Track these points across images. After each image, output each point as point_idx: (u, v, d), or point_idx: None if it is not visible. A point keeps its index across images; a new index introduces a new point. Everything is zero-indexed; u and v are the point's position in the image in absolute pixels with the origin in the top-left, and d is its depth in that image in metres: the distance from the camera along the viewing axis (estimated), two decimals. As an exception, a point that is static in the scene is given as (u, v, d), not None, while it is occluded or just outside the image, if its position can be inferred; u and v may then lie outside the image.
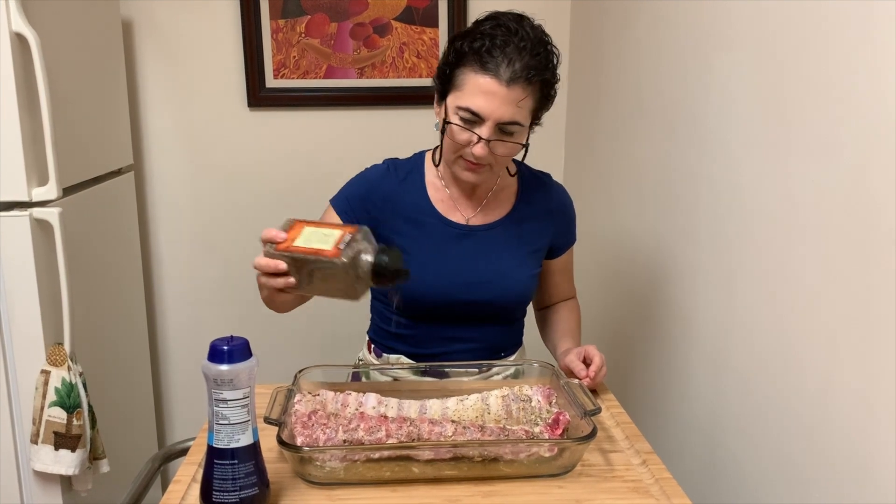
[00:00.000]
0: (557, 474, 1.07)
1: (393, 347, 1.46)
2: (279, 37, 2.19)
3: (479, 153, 1.25)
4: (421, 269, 1.37)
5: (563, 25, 2.28)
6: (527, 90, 1.23)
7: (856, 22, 0.97)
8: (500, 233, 1.40)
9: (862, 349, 0.97)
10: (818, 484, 1.07)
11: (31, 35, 1.44)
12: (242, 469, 0.94)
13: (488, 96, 1.22)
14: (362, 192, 1.40)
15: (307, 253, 1.04)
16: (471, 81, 1.24)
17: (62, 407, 1.53)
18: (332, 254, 1.03)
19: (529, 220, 1.42)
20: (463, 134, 1.26)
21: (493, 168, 1.31)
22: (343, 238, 1.04)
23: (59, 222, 1.52)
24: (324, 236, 1.06)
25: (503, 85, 1.21)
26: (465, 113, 1.24)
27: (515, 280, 1.40)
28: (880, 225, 0.93)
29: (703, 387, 1.43)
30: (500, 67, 1.21)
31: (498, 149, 1.26)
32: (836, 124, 1.01)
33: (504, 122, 1.23)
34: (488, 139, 1.24)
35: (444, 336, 1.42)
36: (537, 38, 1.24)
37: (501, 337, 1.46)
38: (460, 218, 1.40)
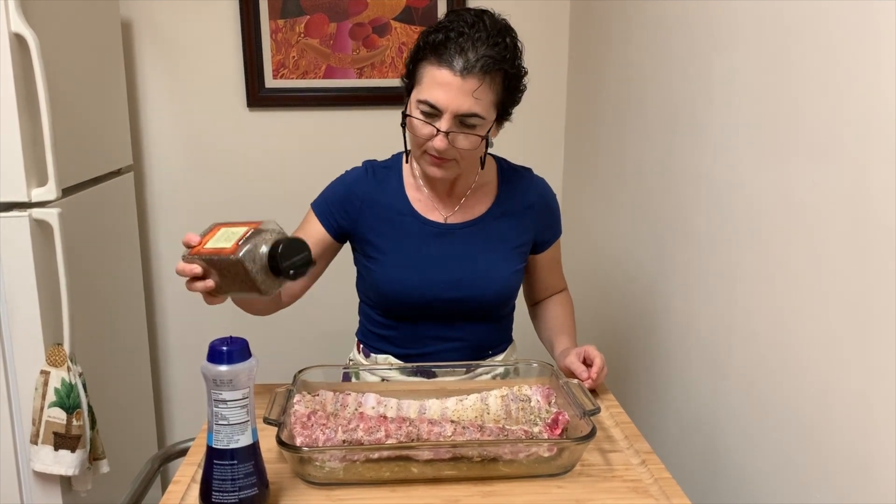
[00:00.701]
0: (557, 474, 1.07)
1: (380, 348, 1.47)
2: (278, 37, 2.19)
3: (439, 146, 1.25)
4: (400, 269, 1.38)
5: (562, 25, 2.28)
6: (483, 81, 1.22)
7: (857, 22, 0.97)
8: (480, 230, 1.40)
9: (862, 349, 0.97)
10: (818, 484, 1.07)
11: (30, 36, 1.44)
12: (242, 469, 0.94)
13: (444, 87, 1.22)
14: (340, 194, 1.42)
15: (211, 253, 1.05)
16: (428, 74, 1.24)
17: (62, 407, 1.54)
18: (230, 250, 1.02)
19: (510, 215, 1.42)
20: (423, 128, 1.26)
21: (459, 163, 1.30)
22: (245, 234, 1.04)
23: (58, 223, 1.52)
24: (231, 234, 1.06)
25: (457, 75, 1.21)
26: (424, 106, 1.25)
27: (495, 278, 1.40)
28: (881, 225, 0.93)
29: (703, 386, 1.43)
30: (454, 58, 1.21)
31: (458, 142, 1.26)
32: (837, 125, 1.01)
33: (462, 113, 1.23)
34: (447, 131, 1.24)
35: (428, 335, 1.42)
36: (496, 30, 1.25)
37: (487, 335, 1.46)
38: (438, 217, 1.40)
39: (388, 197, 1.41)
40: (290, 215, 2.30)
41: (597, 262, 2.06)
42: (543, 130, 2.37)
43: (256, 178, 2.30)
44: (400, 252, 1.38)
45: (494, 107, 1.27)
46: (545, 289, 1.55)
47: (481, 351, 1.46)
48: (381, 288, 1.40)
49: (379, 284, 1.40)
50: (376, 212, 1.40)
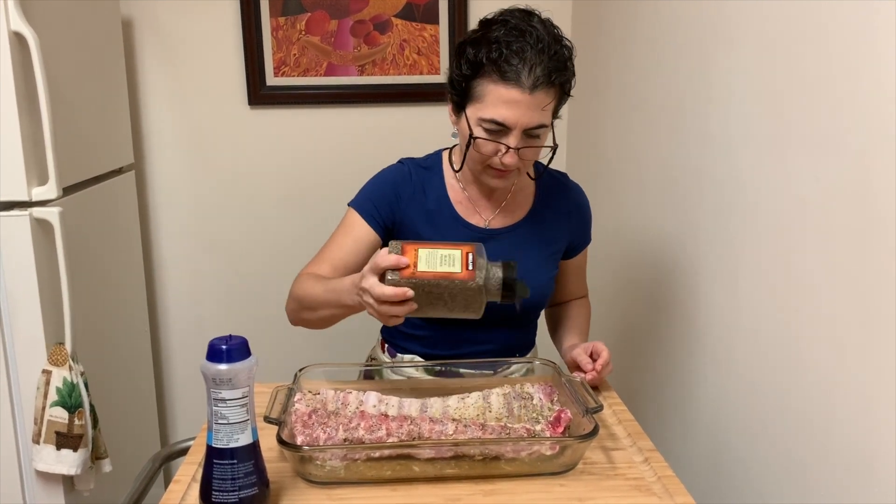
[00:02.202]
0: (559, 472, 1.07)
1: (406, 348, 1.45)
2: (279, 34, 2.18)
3: (510, 162, 1.23)
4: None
5: (564, 23, 2.26)
6: (550, 93, 1.22)
7: (859, 19, 0.97)
8: (520, 235, 1.39)
9: (866, 347, 0.96)
10: (822, 482, 1.06)
11: (30, 34, 1.43)
12: (242, 469, 0.94)
13: (512, 105, 1.20)
14: (386, 193, 1.37)
15: (439, 278, 1.05)
16: (492, 93, 1.21)
17: (64, 407, 1.53)
18: (465, 276, 1.03)
19: (548, 221, 1.41)
20: (490, 146, 1.24)
21: (521, 171, 1.30)
22: (468, 258, 1.06)
23: (59, 222, 1.51)
24: (446, 258, 1.07)
25: (527, 93, 1.19)
26: (490, 124, 1.22)
27: (535, 283, 1.35)
28: (885, 222, 0.92)
29: (706, 384, 1.42)
30: (521, 75, 1.18)
31: (527, 154, 1.25)
32: (840, 121, 1.01)
33: (530, 127, 1.22)
34: (517, 147, 1.22)
35: (458, 338, 1.40)
36: (552, 37, 1.22)
37: (515, 339, 1.45)
38: (480, 220, 1.39)
39: (431, 198, 1.38)
40: (291, 212, 2.32)
41: (600, 260, 2.05)
42: (545, 127, 2.35)
43: (258, 176, 2.30)
44: None
45: (555, 112, 1.27)
46: (568, 293, 1.54)
47: (508, 354, 1.45)
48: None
49: None
50: (420, 212, 1.37)
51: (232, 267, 2.34)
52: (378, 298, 1.07)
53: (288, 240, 2.30)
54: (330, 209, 1.80)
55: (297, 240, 2.17)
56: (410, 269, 1.06)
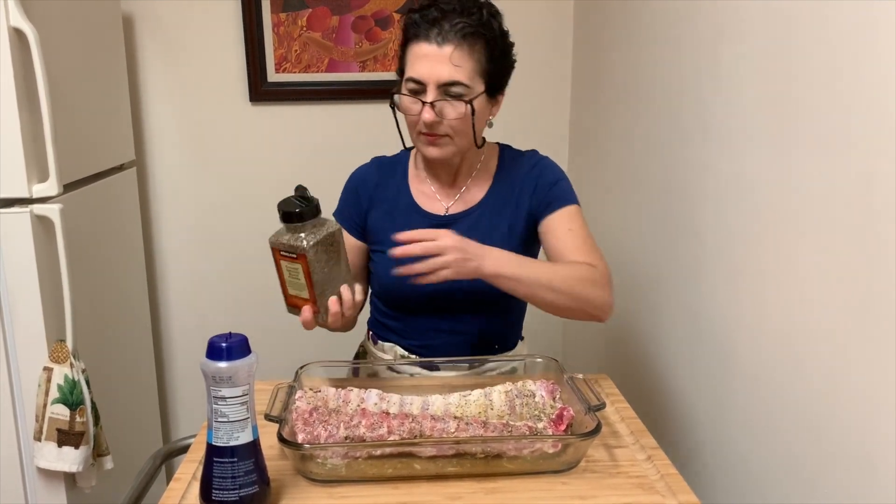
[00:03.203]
0: (561, 470, 1.06)
1: (386, 337, 1.48)
2: (280, 31, 2.17)
3: (428, 117, 1.26)
4: (401, 262, 1.36)
5: (566, 21, 2.26)
6: (460, 47, 1.25)
7: (863, 14, 0.96)
8: (477, 218, 1.39)
9: (869, 345, 0.96)
10: (824, 480, 1.05)
11: (29, 30, 1.43)
12: (242, 467, 0.94)
13: (423, 59, 1.26)
14: (350, 194, 1.46)
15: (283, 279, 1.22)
16: (410, 53, 1.28)
17: (65, 404, 1.53)
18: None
19: (507, 197, 1.40)
20: (412, 105, 1.28)
21: (453, 139, 1.30)
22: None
23: (60, 219, 1.51)
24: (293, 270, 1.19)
25: (434, 45, 1.25)
26: (411, 83, 1.28)
27: None
28: (888, 219, 0.91)
29: (709, 382, 1.42)
30: (430, 31, 1.25)
31: (446, 112, 1.27)
32: (844, 119, 1.00)
33: (444, 82, 1.25)
34: (432, 101, 1.25)
35: (432, 328, 1.42)
36: (470, 1, 1.28)
37: (492, 328, 1.44)
38: (440, 209, 1.40)
39: (392, 190, 1.42)
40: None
41: (602, 256, 2.05)
42: (548, 126, 2.35)
43: (259, 172, 2.29)
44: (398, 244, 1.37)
45: (479, 76, 1.28)
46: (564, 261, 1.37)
47: (487, 345, 1.44)
48: (382, 280, 1.41)
49: (380, 277, 1.41)
50: (381, 205, 1.42)
51: (233, 263, 2.34)
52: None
53: (289, 236, 2.29)
54: (331, 205, 1.79)
55: (299, 236, 2.16)
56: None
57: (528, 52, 2.30)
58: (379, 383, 1.30)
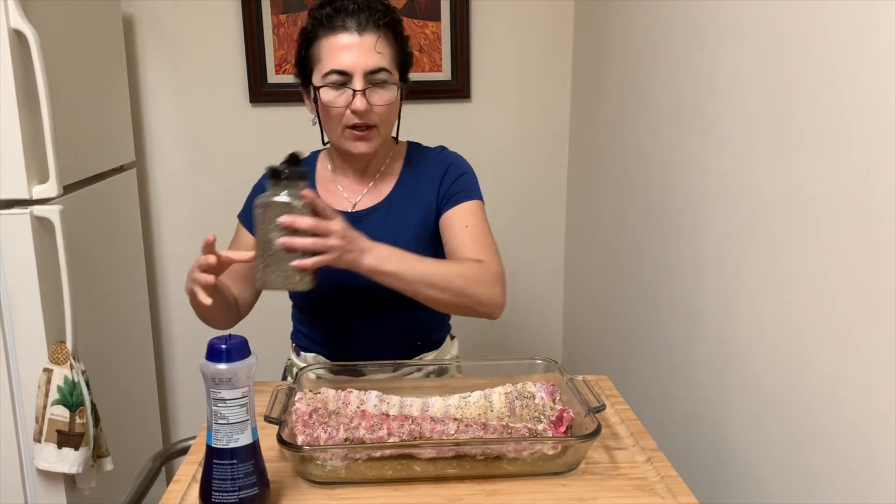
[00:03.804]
0: (561, 472, 1.06)
1: (308, 347, 1.47)
2: (280, 32, 2.17)
3: (360, 106, 1.26)
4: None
5: (566, 22, 2.26)
6: (379, 34, 1.27)
7: (864, 17, 0.96)
8: (386, 212, 1.38)
9: (870, 344, 0.96)
10: (824, 481, 1.05)
11: (29, 32, 1.43)
12: (242, 469, 0.94)
13: (346, 49, 1.26)
14: (257, 193, 1.43)
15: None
16: (326, 46, 1.27)
17: (65, 405, 1.53)
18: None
19: (412, 195, 1.39)
20: (338, 98, 1.28)
21: (380, 130, 1.32)
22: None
23: (59, 220, 1.51)
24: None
25: (356, 34, 1.26)
26: (333, 76, 1.27)
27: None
28: (888, 219, 0.91)
29: (710, 383, 1.41)
30: (348, 21, 1.26)
31: (374, 99, 1.28)
32: (844, 117, 1.00)
33: (370, 69, 1.26)
34: (363, 89, 1.26)
35: (351, 329, 1.40)
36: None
37: (411, 325, 1.42)
38: (347, 206, 1.40)
39: None
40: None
41: (602, 257, 2.05)
42: (548, 126, 2.35)
43: (259, 173, 2.27)
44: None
45: (396, 65, 1.31)
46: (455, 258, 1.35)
47: (410, 343, 1.42)
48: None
49: None
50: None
51: (233, 265, 2.33)
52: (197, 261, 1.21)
53: (289, 238, 2.29)
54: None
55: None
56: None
57: (528, 52, 2.33)
58: (378, 385, 1.30)
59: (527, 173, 2.35)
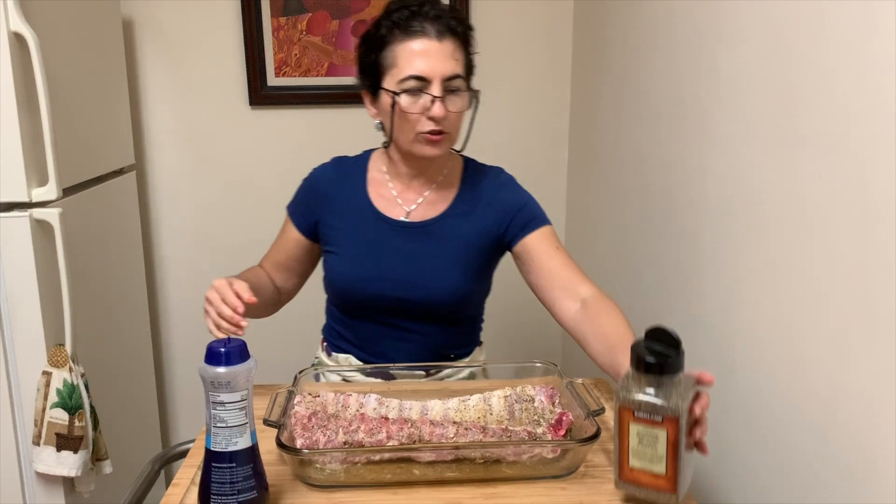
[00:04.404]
0: (560, 475, 1.06)
1: (341, 347, 1.47)
2: (280, 35, 2.18)
3: (439, 113, 1.25)
4: (350, 264, 1.37)
5: (565, 23, 2.26)
6: (455, 42, 1.27)
7: (862, 17, 0.96)
8: (437, 230, 1.38)
9: (869, 347, 0.96)
10: (825, 482, 1.05)
11: (29, 35, 1.43)
12: (241, 472, 0.93)
13: (425, 55, 1.25)
14: (305, 191, 1.45)
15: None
16: (404, 52, 1.26)
17: (64, 408, 1.53)
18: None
19: (466, 215, 1.39)
20: (415, 104, 1.27)
21: (451, 136, 1.31)
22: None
23: (59, 223, 1.51)
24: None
25: (435, 41, 1.25)
26: (410, 81, 1.26)
27: (445, 281, 1.36)
28: (887, 221, 0.91)
29: (709, 386, 1.41)
30: (426, 27, 1.25)
31: (453, 104, 1.28)
32: (843, 120, 1.00)
33: (447, 76, 1.26)
34: (441, 96, 1.25)
35: (382, 334, 1.41)
36: (443, 5, 1.31)
37: (446, 337, 1.43)
38: (399, 213, 1.39)
39: (348, 191, 1.41)
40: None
41: (601, 259, 2.04)
42: (547, 128, 2.35)
43: (259, 176, 2.29)
44: (352, 247, 1.38)
45: (466, 73, 1.31)
46: (558, 288, 1.30)
47: (440, 353, 1.43)
48: (333, 282, 1.41)
49: (331, 278, 1.41)
50: (335, 206, 1.40)
51: (232, 268, 2.31)
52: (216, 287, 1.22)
53: (289, 240, 2.29)
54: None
55: (299, 240, 2.17)
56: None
57: (528, 52, 2.33)
58: (378, 388, 1.30)
59: (526, 174, 2.32)
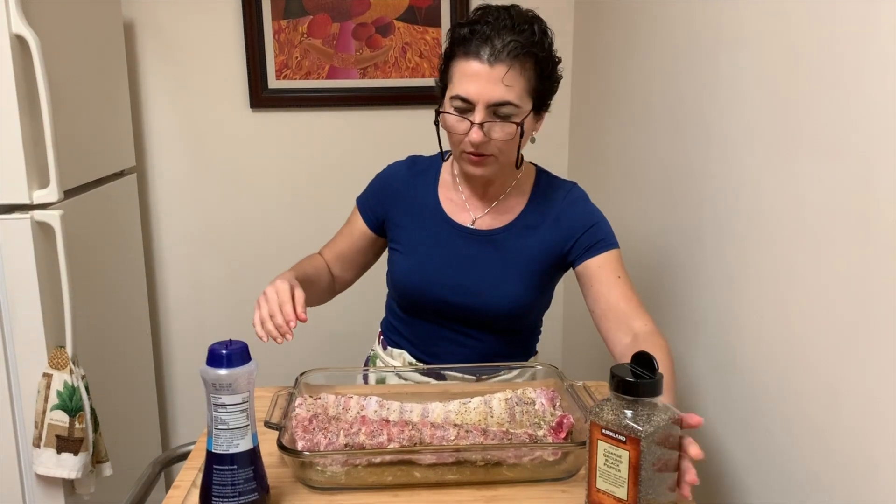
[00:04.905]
0: (561, 478, 1.06)
1: (396, 342, 1.48)
2: (281, 37, 2.18)
3: (476, 138, 1.23)
4: (414, 264, 1.38)
5: (566, 23, 2.27)
6: (512, 66, 1.20)
7: (863, 20, 0.96)
8: (502, 240, 1.37)
9: (869, 349, 0.96)
10: (825, 484, 1.05)
11: (31, 37, 1.43)
12: (242, 474, 0.93)
13: (473, 78, 1.21)
14: (377, 186, 1.45)
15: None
16: (458, 69, 1.24)
17: (64, 410, 1.53)
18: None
19: (535, 228, 1.37)
20: (459, 124, 1.25)
21: (498, 158, 1.27)
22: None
23: (60, 225, 1.51)
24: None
25: (485, 64, 1.20)
26: (457, 101, 1.24)
27: (506, 292, 1.35)
28: (888, 223, 0.91)
29: (709, 388, 1.41)
30: (481, 49, 1.21)
31: (494, 133, 1.24)
32: (844, 123, 1.00)
33: (494, 102, 1.21)
34: (481, 122, 1.22)
35: (438, 335, 1.42)
36: (521, 17, 1.24)
37: (500, 346, 1.42)
38: (466, 219, 1.38)
39: (420, 192, 1.41)
40: (293, 215, 2.31)
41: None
42: (547, 131, 2.33)
43: (260, 178, 2.29)
44: (418, 247, 1.38)
45: (529, 95, 1.24)
46: (609, 314, 1.29)
47: (494, 360, 1.43)
48: (396, 279, 1.42)
49: (395, 275, 1.42)
50: (406, 205, 1.41)
51: (233, 270, 2.34)
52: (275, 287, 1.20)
53: (289, 243, 2.29)
54: (331, 212, 1.79)
55: (299, 243, 2.16)
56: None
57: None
58: (379, 390, 1.30)
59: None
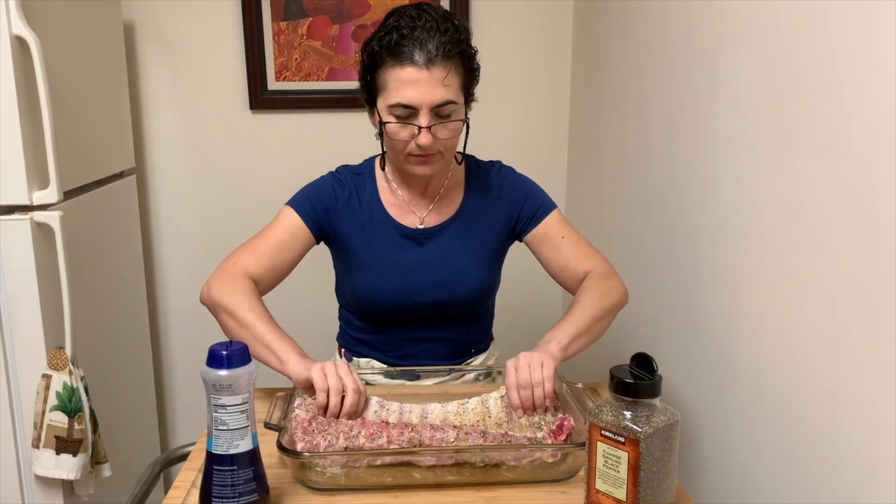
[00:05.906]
0: (560, 479, 1.06)
1: (361, 352, 1.47)
2: (281, 39, 2.18)
3: (425, 142, 1.24)
4: (377, 276, 1.38)
5: (565, 24, 2.27)
6: (448, 67, 1.23)
7: (861, 21, 0.96)
8: (453, 231, 1.39)
9: (869, 350, 0.96)
10: (824, 484, 1.05)
11: (31, 38, 1.43)
12: (242, 475, 0.94)
13: (413, 84, 1.22)
14: (324, 197, 1.39)
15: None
16: (392, 78, 1.24)
17: (63, 411, 1.53)
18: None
19: (479, 212, 1.41)
20: (403, 131, 1.26)
21: (444, 156, 1.30)
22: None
23: (59, 226, 1.51)
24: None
25: (423, 69, 1.21)
26: (398, 109, 1.24)
27: (471, 278, 1.39)
28: (887, 225, 0.92)
29: (708, 388, 1.42)
30: (415, 54, 1.21)
31: (440, 133, 1.26)
32: (842, 124, 1.00)
33: (437, 104, 1.23)
34: (428, 126, 1.23)
35: (408, 338, 1.43)
36: (441, 17, 1.25)
37: (467, 334, 1.46)
38: (414, 220, 1.40)
39: (364, 203, 1.40)
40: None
41: (601, 265, 2.04)
42: (547, 131, 2.36)
43: (259, 180, 2.29)
44: (376, 258, 1.38)
45: (461, 90, 1.28)
46: (569, 270, 1.40)
47: (463, 350, 1.46)
48: (360, 294, 1.40)
49: (357, 291, 1.40)
50: (354, 218, 1.39)
51: (233, 271, 2.33)
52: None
53: (289, 244, 2.29)
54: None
55: (298, 244, 2.17)
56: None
57: (527, 53, 2.33)
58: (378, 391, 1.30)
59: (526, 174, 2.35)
